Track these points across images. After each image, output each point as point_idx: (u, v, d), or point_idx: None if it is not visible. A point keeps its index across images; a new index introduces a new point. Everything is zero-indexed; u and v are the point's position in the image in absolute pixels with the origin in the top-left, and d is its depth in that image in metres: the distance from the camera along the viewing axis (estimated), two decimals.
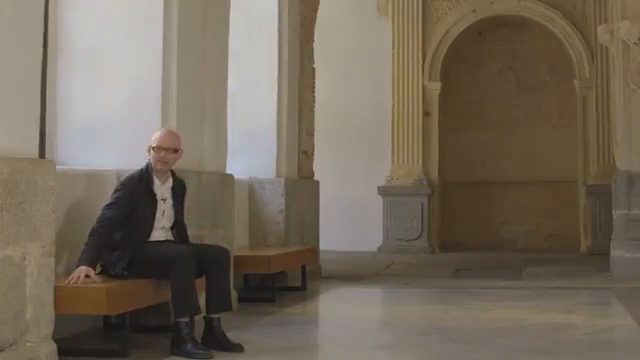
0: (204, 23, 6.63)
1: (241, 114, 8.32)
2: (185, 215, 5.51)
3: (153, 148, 5.27)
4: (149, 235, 5.25)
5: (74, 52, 6.08)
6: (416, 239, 13.85)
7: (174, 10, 6.15)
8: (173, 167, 5.44)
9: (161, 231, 5.32)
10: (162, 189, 5.32)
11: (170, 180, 5.39)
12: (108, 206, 5.16)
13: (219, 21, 7.00)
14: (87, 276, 4.81)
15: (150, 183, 5.26)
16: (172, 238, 5.38)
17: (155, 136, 5.34)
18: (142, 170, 5.29)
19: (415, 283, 9.31)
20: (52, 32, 5.96)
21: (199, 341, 5.03)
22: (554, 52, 14.50)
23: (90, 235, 5.02)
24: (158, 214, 5.28)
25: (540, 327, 6.18)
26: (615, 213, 9.79)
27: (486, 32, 14.87)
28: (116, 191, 5.24)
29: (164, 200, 5.32)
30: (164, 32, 6.09)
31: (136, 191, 5.20)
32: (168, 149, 5.28)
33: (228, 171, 7.17)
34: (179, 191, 5.45)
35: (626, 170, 9.74)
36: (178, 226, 5.41)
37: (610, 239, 9.92)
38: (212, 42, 6.80)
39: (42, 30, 4.32)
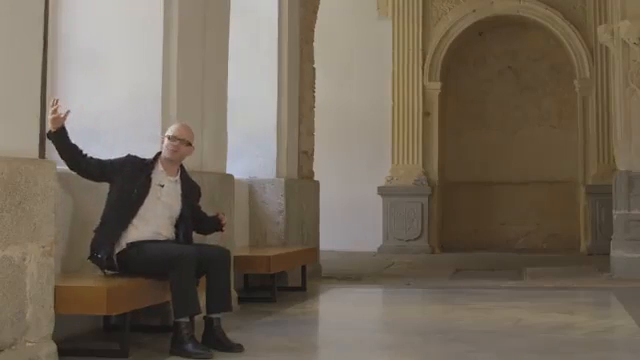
0: (204, 24, 6.63)
1: (241, 114, 8.31)
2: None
3: (168, 137, 5.36)
4: (134, 214, 5.19)
5: (74, 52, 6.08)
6: (416, 239, 13.85)
7: (174, 11, 6.15)
8: (184, 165, 5.49)
9: (158, 219, 5.28)
10: (163, 175, 5.33)
11: (177, 175, 5.42)
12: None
13: (219, 22, 6.99)
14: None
15: (150, 168, 5.30)
16: (172, 236, 5.36)
17: (172, 127, 5.47)
18: (146, 158, 5.34)
19: (415, 283, 9.31)
20: (52, 32, 5.96)
21: (199, 341, 5.04)
22: (554, 52, 14.50)
23: None
24: (150, 197, 5.24)
25: (540, 327, 6.17)
26: (615, 213, 9.79)
27: (486, 32, 14.87)
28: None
29: (162, 186, 5.31)
30: (164, 33, 6.09)
31: (130, 169, 5.24)
32: (182, 140, 5.38)
33: (228, 171, 7.17)
34: (189, 190, 5.45)
35: (626, 170, 9.74)
36: (184, 221, 5.40)
37: (610, 239, 9.93)
38: (212, 43, 6.79)
39: (42, 31, 4.31)
